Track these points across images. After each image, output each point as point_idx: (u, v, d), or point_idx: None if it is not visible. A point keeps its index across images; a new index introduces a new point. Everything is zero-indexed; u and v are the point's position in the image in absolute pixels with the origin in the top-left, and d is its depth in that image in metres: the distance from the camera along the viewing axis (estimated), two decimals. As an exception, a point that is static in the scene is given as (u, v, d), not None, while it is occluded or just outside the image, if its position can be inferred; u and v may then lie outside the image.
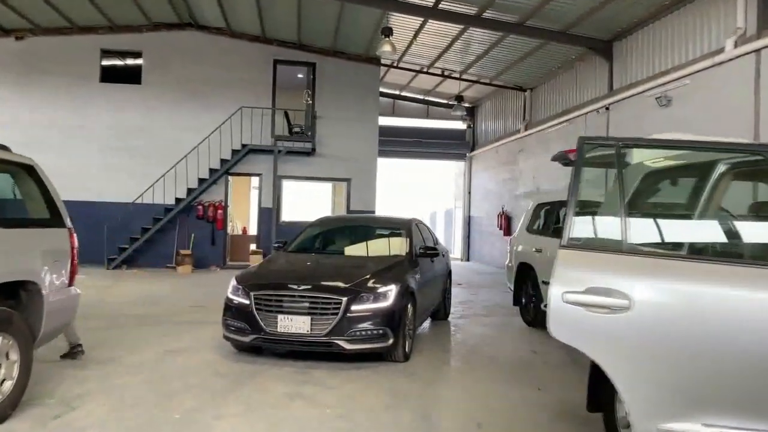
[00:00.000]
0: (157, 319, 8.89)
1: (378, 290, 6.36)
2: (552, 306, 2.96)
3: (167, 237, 16.66)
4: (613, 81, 13.15)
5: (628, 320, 2.78)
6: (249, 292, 6.44)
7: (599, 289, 2.84)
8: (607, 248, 3.06)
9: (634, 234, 3.01)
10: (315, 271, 7.02)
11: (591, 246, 3.14)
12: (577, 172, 3.15)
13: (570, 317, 2.88)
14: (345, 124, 17.79)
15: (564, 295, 2.91)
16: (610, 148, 3.19)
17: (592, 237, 3.26)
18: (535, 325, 9.12)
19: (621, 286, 2.82)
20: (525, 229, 9.89)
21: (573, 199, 3.08)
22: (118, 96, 16.96)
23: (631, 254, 2.94)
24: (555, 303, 2.94)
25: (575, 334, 2.92)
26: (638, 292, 2.80)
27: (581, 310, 2.85)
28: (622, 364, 2.82)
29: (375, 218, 9.19)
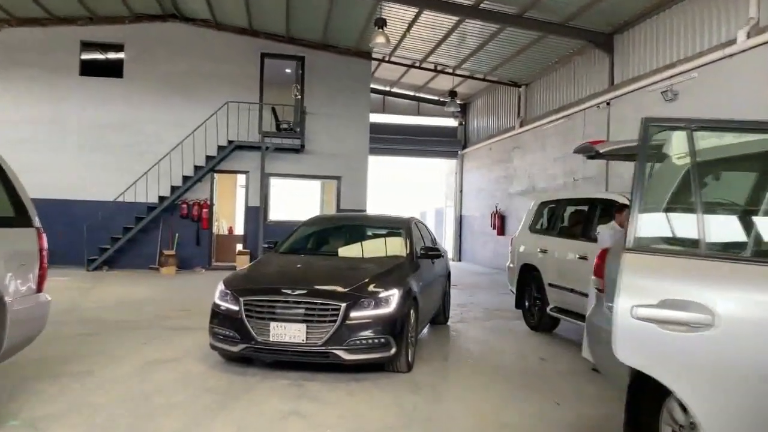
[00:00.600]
0: (138, 325, 8.31)
1: (379, 295, 5.84)
2: (619, 323, 2.45)
3: (150, 237, 16.02)
4: (614, 75, 12.73)
5: (710, 339, 2.28)
6: (238, 297, 5.90)
7: (676, 301, 2.35)
8: (682, 251, 2.56)
9: (713, 233, 2.51)
10: (310, 274, 6.49)
11: (663, 249, 2.63)
12: (641, 160, 2.66)
13: (642, 336, 2.38)
14: (335, 121, 17.24)
15: (634, 309, 2.40)
16: (679, 130, 2.69)
17: (662, 237, 2.76)
18: (540, 330, 8.67)
19: (701, 297, 2.32)
20: (528, 228, 9.42)
21: (638, 192, 2.58)
22: (99, 90, 16.28)
23: (711, 258, 2.44)
24: (623, 319, 2.43)
25: (649, 357, 2.42)
26: (722, 306, 2.30)
27: (655, 327, 2.35)
28: (702, 393, 2.33)
29: (372, 217, 8.67)
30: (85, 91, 16.20)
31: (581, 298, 7.47)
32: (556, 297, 8.16)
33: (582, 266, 7.48)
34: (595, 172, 13.29)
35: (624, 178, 12.09)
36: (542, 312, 8.56)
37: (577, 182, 13.95)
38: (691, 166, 2.62)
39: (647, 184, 2.63)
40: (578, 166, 13.97)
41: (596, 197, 7.88)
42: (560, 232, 8.49)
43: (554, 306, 8.26)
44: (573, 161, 14.29)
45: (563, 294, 7.95)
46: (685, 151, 2.68)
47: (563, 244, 8.14)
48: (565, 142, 14.77)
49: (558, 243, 8.31)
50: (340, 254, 7.36)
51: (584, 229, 7.82)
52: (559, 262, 8.09)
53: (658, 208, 2.78)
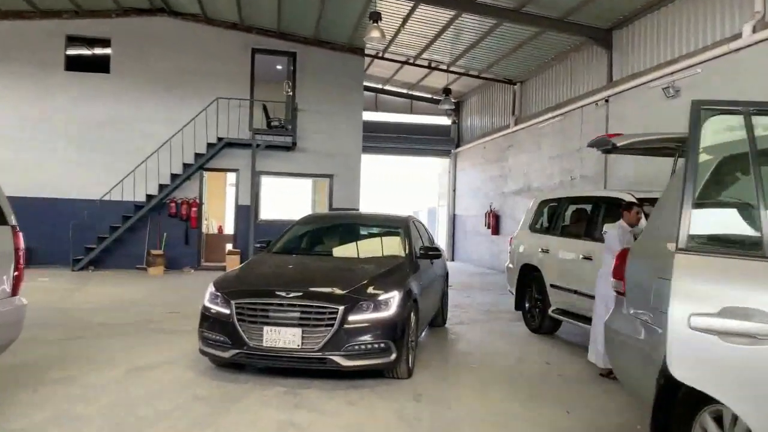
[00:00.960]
0: (124, 329, 7.96)
1: (379, 298, 5.55)
2: (673, 334, 2.16)
3: (138, 236, 15.63)
4: (613, 72, 12.50)
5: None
6: (229, 300, 5.58)
7: (739, 310, 2.06)
8: (743, 252, 2.26)
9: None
10: (305, 275, 6.17)
11: (721, 249, 2.33)
12: (693, 148, 2.37)
13: (700, 350, 2.09)
14: (327, 118, 16.90)
15: (692, 318, 2.11)
16: (735, 114, 2.40)
17: (719, 235, 2.46)
18: (541, 332, 8.40)
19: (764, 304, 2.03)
20: (528, 227, 9.16)
21: (690, 184, 2.29)
22: (85, 86, 15.86)
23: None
24: (677, 330, 2.14)
25: (708, 374, 2.12)
26: (789, 315, 2.02)
27: (715, 339, 2.06)
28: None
29: (368, 216, 8.36)
30: (71, 87, 15.77)
31: (586, 299, 7.21)
32: (559, 298, 7.90)
33: (586, 267, 7.24)
34: (592, 171, 13.06)
35: (621, 177, 11.87)
36: (544, 314, 8.30)
37: (574, 181, 13.71)
38: (750, 154, 2.33)
39: (699, 175, 2.34)
40: (575, 164, 13.74)
41: (601, 195, 7.63)
42: (562, 231, 8.23)
43: (557, 308, 8.00)
44: (570, 160, 14.07)
45: (566, 295, 7.69)
46: (741, 137, 2.39)
47: (566, 243, 7.88)
48: (561, 140, 14.54)
49: (560, 243, 8.05)
50: (336, 254, 7.07)
51: (588, 229, 7.57)
52: (562, 262, 7.83)
53: (715, 203, 2.50)
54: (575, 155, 13.80)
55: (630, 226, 6.30)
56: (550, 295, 8.12)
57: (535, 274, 8.54)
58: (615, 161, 12.18)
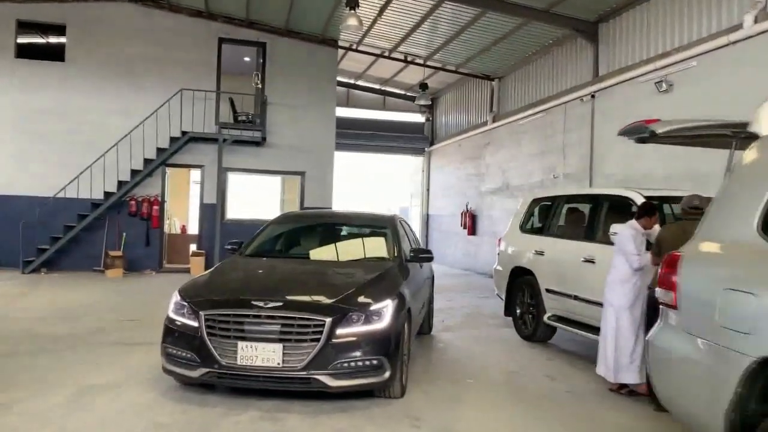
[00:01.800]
0: (75, 340, 7.09)
1: (370, 308, 4.86)
2: None
3: (95, 236, 14.60)
4: (599, 66, 12.04)
5: None
6: (198, 311, 4.82)
7: None
8: None
9: None
10: (284, 282, 5.44)
11: None
12: None
13: None
14: (299, 112, 16.11)
15: None
16: None
17: None
18: (535, 340, 7.83)
19: None
20: (518, 228, 8.57)
21: None
22: (37, 74, 14.75)
23: None
24: None
25: None
26: None
27: None
28: None
29: (351, 214, 7.63)
30: (22, 75, 14.65)
31: (587, 306, 6.67)
32: (556, 304, 7.33)
33: (588, 270, 6.68)
34: (575, 169, 12.60)
35: (607, 174, 11.41)
36: (538, 321, 7.72)
37: (557, 179, 13.23)
38: None
39: None
40: (558, 162, 13.26)
41: (604, 194, 7.07)
42: (558, 232, 7.66)
43: (553, 314, 7.43)
44: (551, 157, 13.59)
45: (564, 301, 7.12)
46: None
47: (564, 245, 7.30)
48: (542, 137, 14.06)
49: (557, 244, 7.48)
50: (318, 257, 6.33)
51: (589, 229, 7.01)
52: (560, 265, 7.25)
53: None
54: (557, 153, 13.33)
55: (644, 229, 5.75)
56: (545, 300, 7.54)
57: (528, 278, 7.97)
58: (601, 158, 11.73)
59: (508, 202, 15.63)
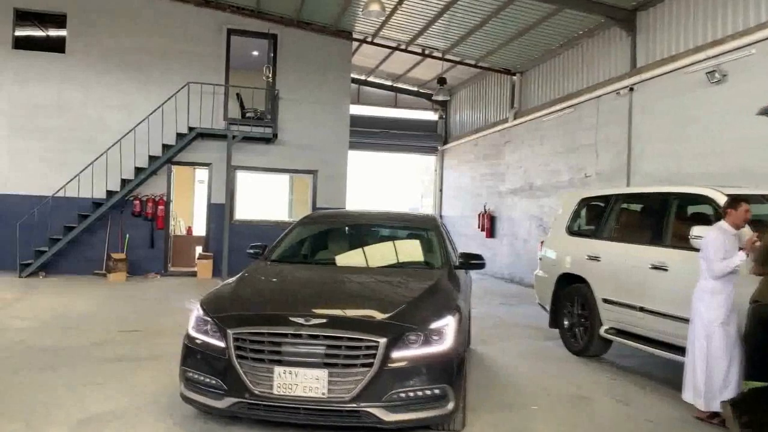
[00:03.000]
0: (75, 355, 6.29)
1: (430, 326, 4.07)
2: None
3: (96, 238, 13.79)
4: (637, 57, 11.25)
5: None
6: (225, 328, 4.03)
7: None
8: None
9: None
10: (324, 293, 4.64)
11: None
12: None
13: None
14: (311, 108, 15.29)
15: None
16: None
17: None
18: (587, 355, 7.04)
19: None
20: (565, 230, 7.79)
21: None
22: (36, 66, 13.92)
23: None
24: None
25: None
26: None
27: None
28: None
29: (387, 214, 6.78)
30: (19, 67, 13.83)
31: (657, 319, 5.89)
32: (616, 316, 6.55)
33: (658, 278, 5.90)
34: (609, 168, 11.79)
35: (647, 174, 10.62)
36: (592, 334, 6.94)
37: (588, 178, 12.43)
38: None
39: None
40: (589, 160, 12.46)
41: (675, 192, 6.26)
42: (617, 234, 6.86)
43: (611, 327, 6.64)
44: (580, 155, 12.80)
45: (627, 313, 6.33)
46: None
47: (625, 250, 6.51)
48: (570, 134, 13.26)
49: (616, 249, 6.68)
50: (354, 264, 5.51)
51: (657, 232, 6.20)
52: (621, 272, 6.46)
53: None
54: (586, 151, 12.53)
55: (735, 228, 4.96)
56: (601, 311, 6.76)
57: (579, 286, 7.19)
58: (639, 156, 10.94)
59: (530, 203, 14.85)
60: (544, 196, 14.18)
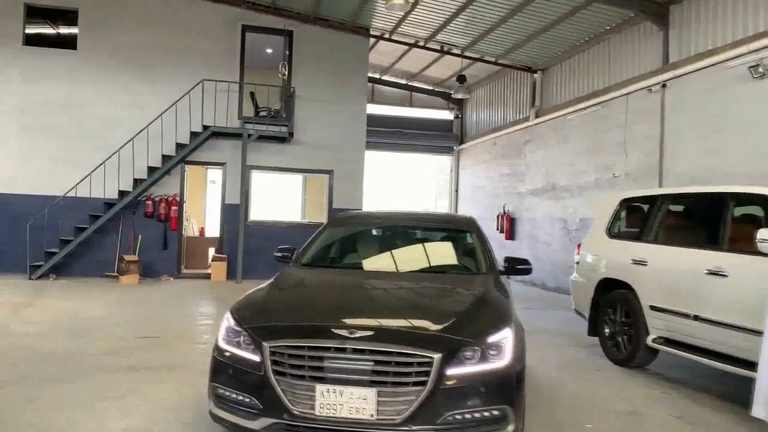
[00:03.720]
0: (88, 364, 5.92)
1: (488, 339, 3.66)
2: None
3: (108, 239, 13.47)
4: (670, 52, 10.82)
5: None
6: (260, 341, 3.62)
7: None
8: None
9: None
10: (366, 301, 4.23)
11: None
12: None
13: None
14: (327, 106, 14.93)
15: None
16: None
17: None
18: (632, 366, 6.61)
19: None
20: (605, 232, 7.36)
21: None
22: (47, 63, 13.62)
23: None
24: None
25: None
26: None
27: None
28: None
29: (422, 215, 6.34)
30: (30, 64, 13.54)
31: (715, 329, 5.45)
32: (665, 324, 6.11)
33: (716, 285, 5.46)
34: (639, 167, 11.36)
35: (680, 173, 10.18)
36: (637, 343, 6.50)
37: (617, 178, 12.00)
38: None
39: None
40: (617, 159, 12.03)
41: (731, 192, 5.82)
42: (667, 237, 6.42)
43: (659, 336, 6.21)
44: (607, 154, 12.36)
45: (679, 321, 5.89)
46: None
47: (676, 254, 6.08)
48: (596, 133, 12.84)
49: (665, 252, 6.24)
50: (391, 268, 5.07)
51: (713, 235, 5.77)
52: (672, 278, 6.03)
53: None
54: (616, 149, 12.10)
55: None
56: (648, 319, 6.33)
57: (622, 292, 6.76)
58: (673, 155, 10.50)
59: (553, 204, 14.42)
60: (568, 197, 13.75)
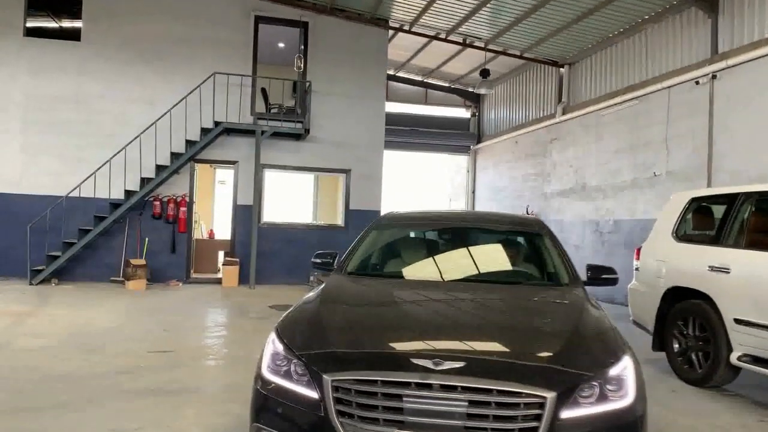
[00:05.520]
0: (100, 387, 5.16)
1: (609, 371, 2.89)
2: None
3: (114, 242, 12.74)
4: (718, 42, 10.06)
5: None
6: (320, 373, 2.85)
7: None
8: None
9: None
10: (445, 321, 3.42)
11: None
12: None
13: None
14: (344, 102, 14.19)
15: None
16: None
17: None
18: (708, 386, 5.84)
19: None
20: (672, 235, 6.59)
21: None
22: (49, 55, 12.89)
23: None
24: None
25: None
26: None
27: None
28: None
29: (480, 215, 5.47)
30: (31, 56, 12.80)
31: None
32: (755, 341, 5.34)
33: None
34: (683, 165, 10.60)
35: (732, 171, 9.42)
36: (716, 360, 5.73)
37: (658, 177, 11.23)
38: None
39: None
40: (658, 158, 11.26)
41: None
42: (755, 241, 5.64)
43: (746, 354, 5.44)
44: (646, 152, 11.61)
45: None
46: None
47: (755, 259, 5.33)
48: (632, 129, 12.08)
49: (757, 259, 5.46)
50: (461, 278, 4.24)
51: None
52: (763, 287, 5.26)
53: None
54: (656, 147, 11.33)
55: None
56: (732, 333, 5.55)
57: (696, 302, 6.00)
58: (724, 152, 9.73)
59: (584, 206, 13.65)
60: (601, 198, 12.98)
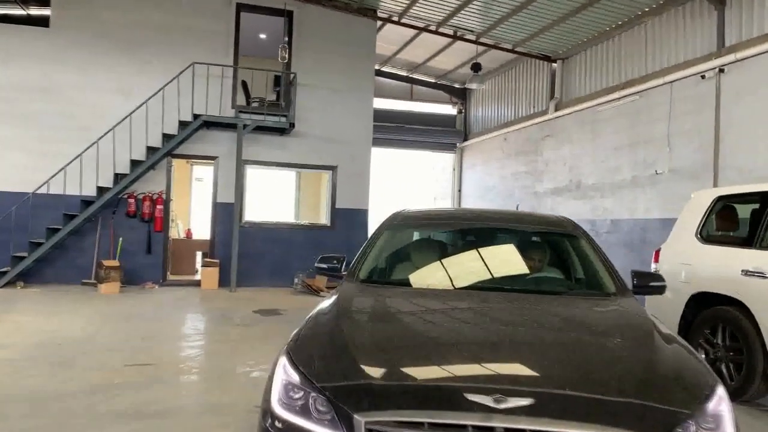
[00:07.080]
0: (71, 409, 4.50)
1: (706, 407, 2.36)
2: None
3: (85, 242, 11.97)
4: (725, 35, 9.68)
5: None
6: (349, 411, 2.25)
7: None
8: None
9: None
10: (494, 344, 2.80)
11: None
12: None
13: None
14: (330, 95, 13.57)
15: None
16: None
17: None
18: (741, 400, 5.37)
19: None
20: (697, 236, 6.13)
21: None
22: (15, 42, 12.04)
23: None
24: None
25: None
26: None
27: None
28: None
29: (509, 214, 4.71)
30: None
31: None
32: (799, 353, 4.89)
33: None
34: (687, 163, 10.21)
35: (740, 167, 9.04)
36: (750, 372, 5.27)
37: (660, 175, 10.83)
38: None
39: None
40: (660, 155, 10.86)
41: None
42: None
43: (787, 366, 4.99)
44: (647, 149, 11.21)
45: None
46: None
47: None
48: (632, 125, 11.68)
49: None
50: (496, 287, 3.64)
51: None
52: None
53: None
54: (658, 143, 10.94)
55: None
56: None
57: (725, 309, 5.54)
58: (732, 148, 9.35)
59: (579, 205, 13.23)
60: (598, 197, 12.57)
